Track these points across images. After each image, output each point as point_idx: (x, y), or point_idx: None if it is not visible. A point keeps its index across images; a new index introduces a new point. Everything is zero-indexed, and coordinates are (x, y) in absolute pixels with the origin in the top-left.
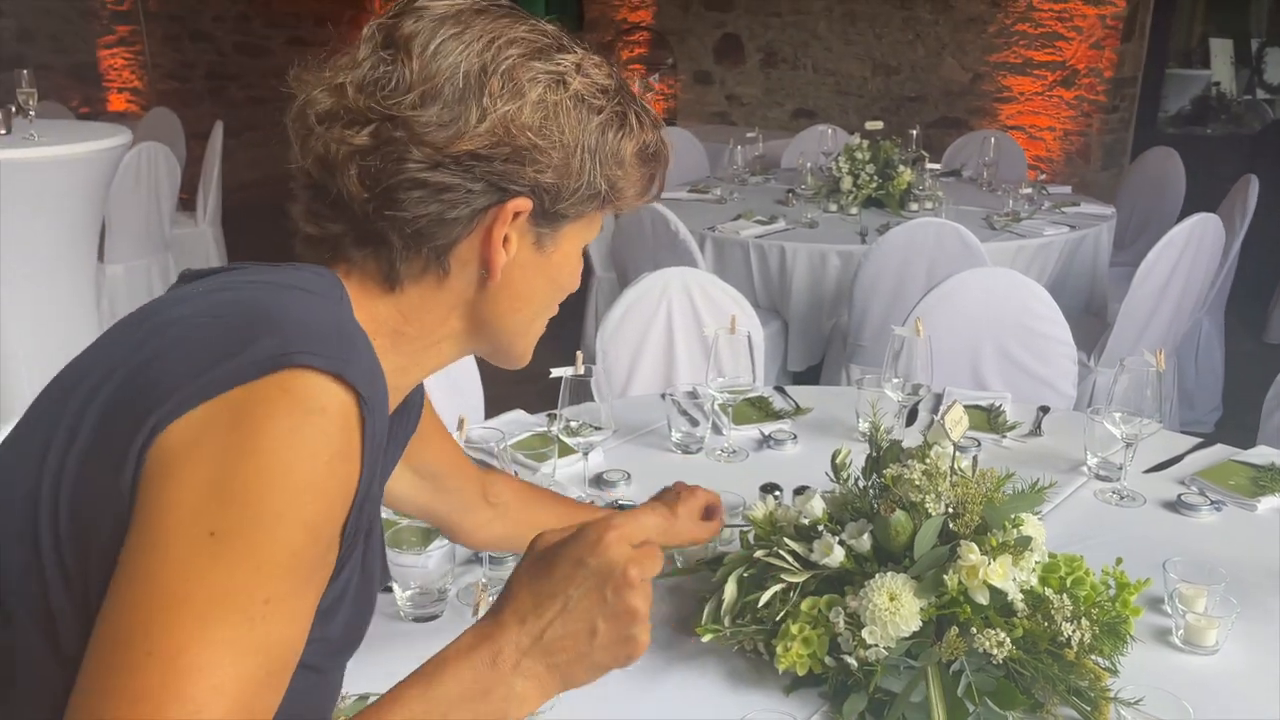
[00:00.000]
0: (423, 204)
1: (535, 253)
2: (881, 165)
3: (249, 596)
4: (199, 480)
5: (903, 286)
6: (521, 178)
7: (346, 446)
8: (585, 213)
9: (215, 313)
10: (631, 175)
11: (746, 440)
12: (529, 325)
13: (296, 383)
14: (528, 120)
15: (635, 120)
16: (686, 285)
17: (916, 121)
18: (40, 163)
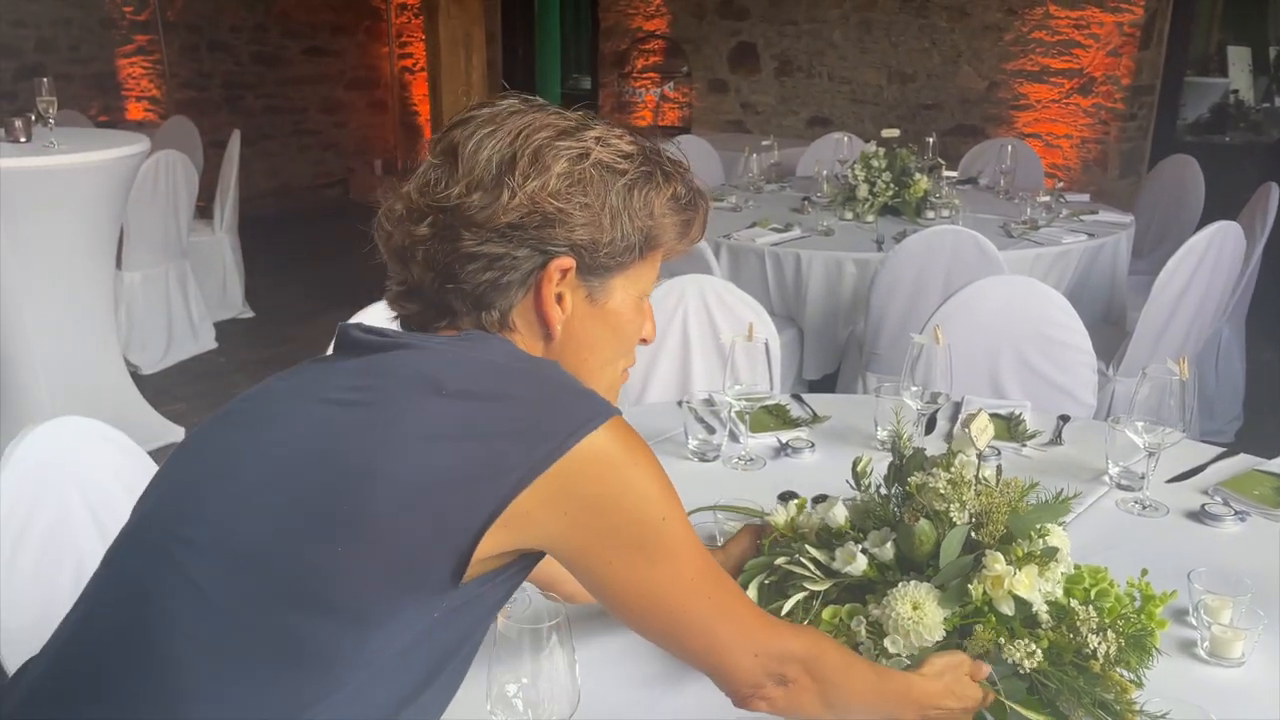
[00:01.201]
0: (478, 274)
1: (589, 305)
2: (898, 173)
3: (694, 560)
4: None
5: (919, 294)
6: (557, 239)
7: (647, 449)
8: (627, 263)
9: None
10: (665, 223)
11: (764, 448)
12: (600, 371)
13: (619, 431)
14: (553, 190)
15: (661, 176)
16: (702, 292)
17: (932, 129)
18: (60, 170)
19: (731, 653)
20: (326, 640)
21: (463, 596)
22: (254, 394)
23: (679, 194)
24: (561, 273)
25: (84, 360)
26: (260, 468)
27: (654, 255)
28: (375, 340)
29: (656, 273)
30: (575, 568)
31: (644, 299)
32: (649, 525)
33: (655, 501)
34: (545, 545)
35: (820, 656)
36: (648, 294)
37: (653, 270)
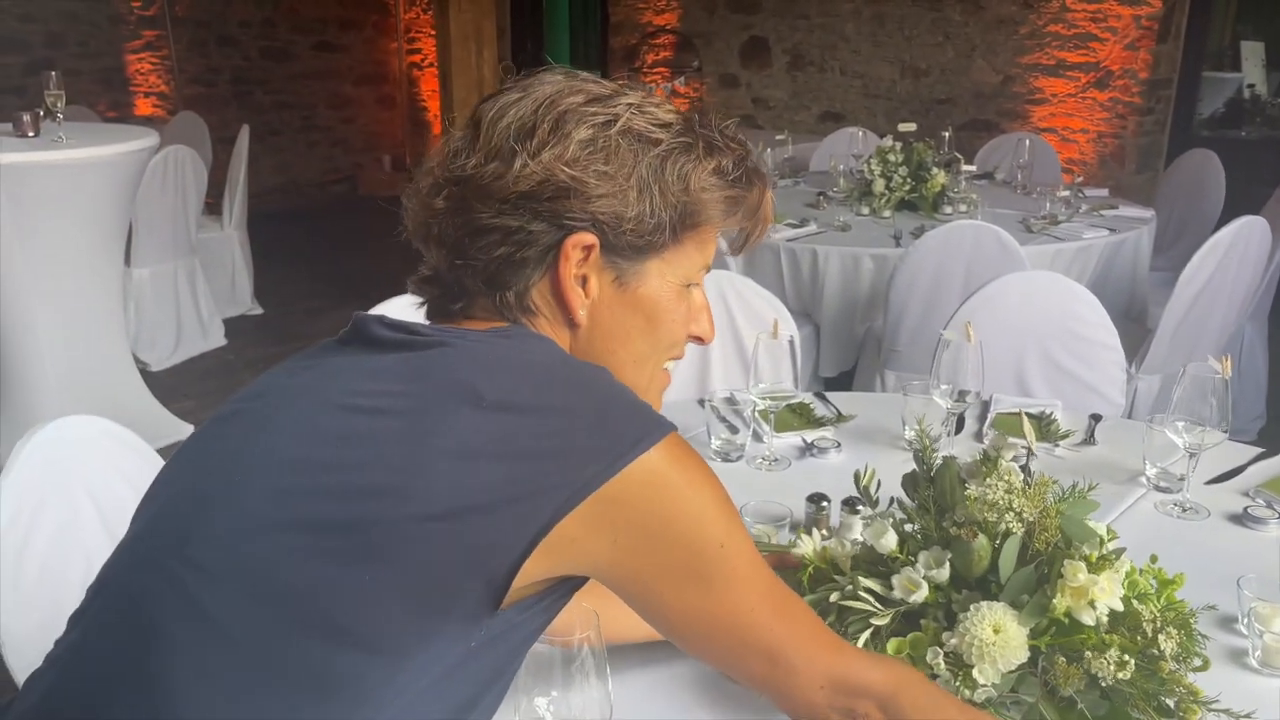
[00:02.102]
0: (491, 249)
1: (618, 290)
2: (914, 168)
3: (756, 585)
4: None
5: (939, 290)
6: (574, 212)
7: (704, 466)
8: (660, 244)
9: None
10: (706, 199)
11: (788, 448)
12: (633, 367)
13: (672, 450)
14: (571, 157)
15: (704, 148)
16: (721, 288)
17: (947, 124)
18: (68, 165)
19: (797, 684)
20: (351, 672)
21: (500, 625)
22: (259, 390)
23: (724, 168)
24: (584, 251)
25: (92, 357)
26: (273, 480)
27: (697, 237)
28: (402, 338)
29: (707, 260)
30: (626, 595)
31: (690, 287)
32: (706, 552)
33: (713, 525)
34: (591, 572)
35: (899, 694)
36: (695, 282)
37: (700, 255)
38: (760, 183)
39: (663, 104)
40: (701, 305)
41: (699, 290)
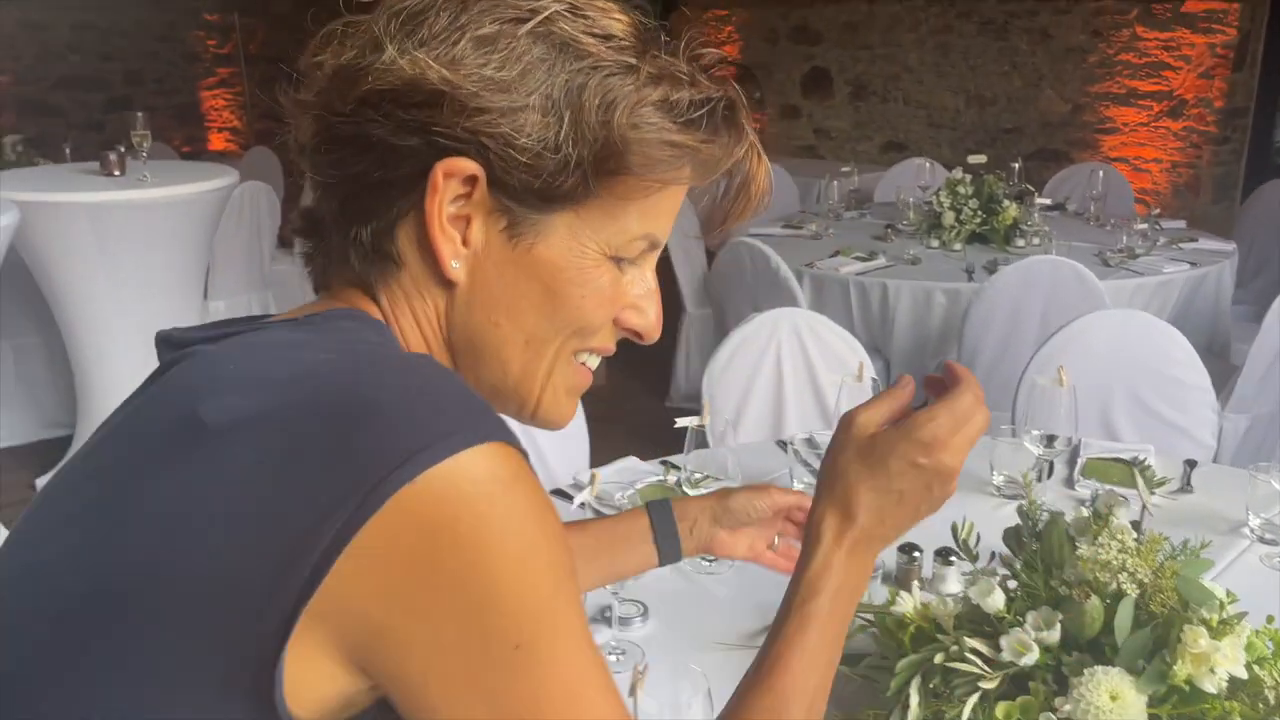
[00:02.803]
0: (346, 163)
1: (509, 244)
2: (985, 200)
3: (575, 669)
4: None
5: (1017, 327)
6: (447, 127)
7: (546, 499)
8: (568, 191)
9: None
10: (641, 140)
11: None
12: (523, 349)
13: (476, 463)
14: (455, 56)
15: (651, 72)
16: (796, 326)
17: (1015, 154)
18: (154, 203)
19: None
20: None
21: None
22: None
23: (676, 104)
24: (464, 184)
25: None
26: (24, 584)
27: (624, 191)
28: (167, 356)
29: (649, 230)
30: (394, 681)
31: (620, 262)
32: (512, 613)
33: (529, 575)
34: (366, 648)
35: None
36: (626, 256)
37: (632, 219)
38: (735, 136)
39: (620, 13)
40: (639, 291)
41: (638, 271)
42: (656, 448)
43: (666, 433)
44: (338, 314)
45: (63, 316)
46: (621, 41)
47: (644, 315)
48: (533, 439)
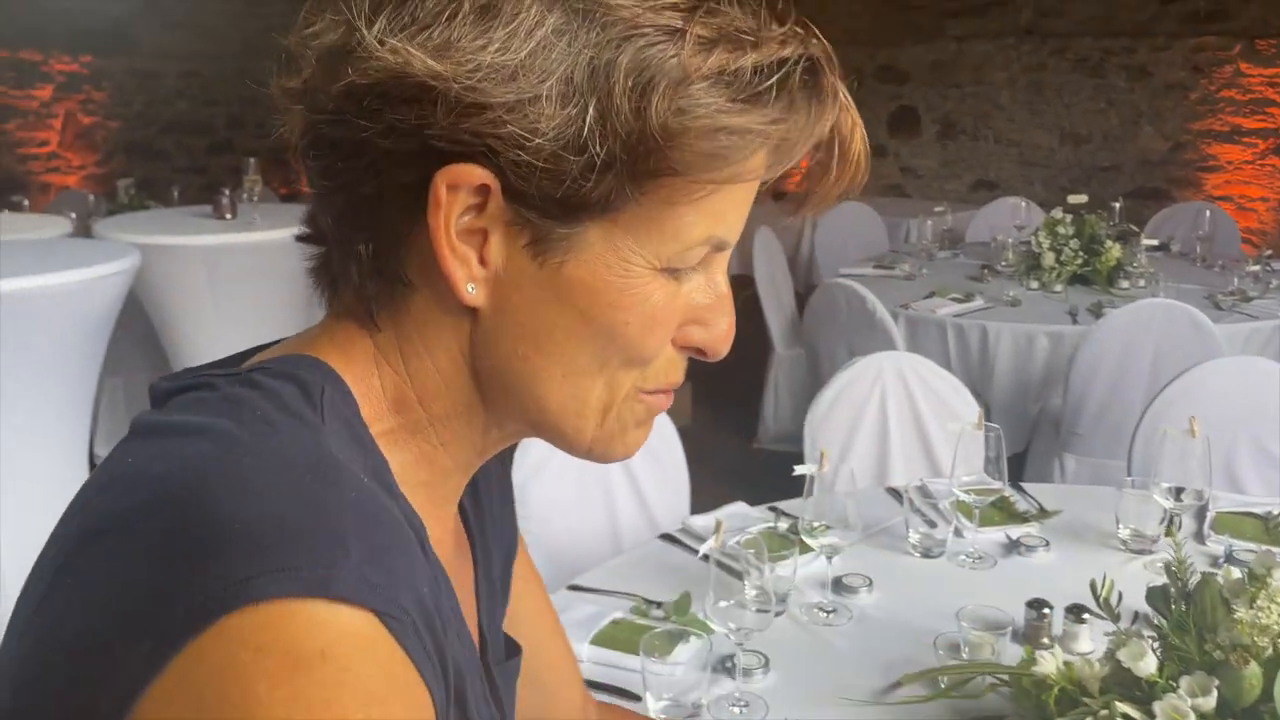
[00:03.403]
0: (334, 170)
1: (533, 264)
2: (1086, 240)
3: None
4: None
5: (1126, 372)
6: (442, 128)
7: (386, 685)
8: (601, 198)
9: (135, 518)
10: (694, 132)
11: (991, 545)
12: (563, 385)
13: (271, 625)
14: (450, 39)
15: (708, 34)
16: (900, 370)
17: (1113, 192)
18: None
19: None
20: None
21: None
22: None
23: (742, 71)
24: (474, 194)
25: None
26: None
27: (679, 189)
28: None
29: (717, 232)
30: None
31: (678, 273)
32: None
33: None
34: None
35: None
36: (687, 265)
37: (702, 219)
38: (820, 105)
39: None
40: (704, 300)
41: (702, 277)
42: (745, 489)
43: (756, 475)
44: (291, 366)
45: (174, 352)
46: (664, 6)
47: (710, 329)
48: (634, 479)
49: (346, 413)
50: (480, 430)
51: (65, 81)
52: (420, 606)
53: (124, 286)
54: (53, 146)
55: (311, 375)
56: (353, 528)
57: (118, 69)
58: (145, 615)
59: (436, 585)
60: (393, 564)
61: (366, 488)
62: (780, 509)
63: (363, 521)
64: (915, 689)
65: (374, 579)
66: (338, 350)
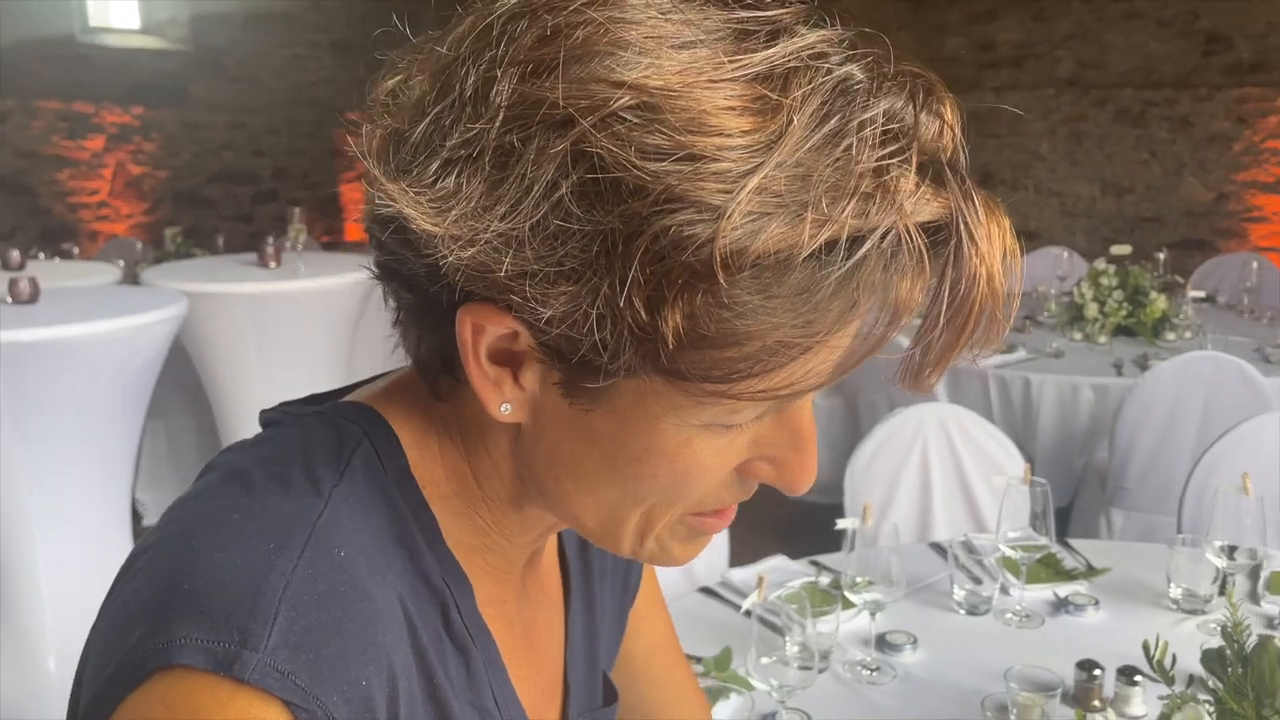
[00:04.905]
0: (379, 265)
1: (565, 404)
2: (1130, 291)
3: None
4: None
5: (1174, 426)
6: (462, 279)
7: None
8: (616, 368)
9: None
10: (725, 341)
11: (1038, 603)
12: (591, 512)
13: (180, 693)
14: (449, 191)
15: (757, 210)
16: (943, 422)
17: (1156, 243)
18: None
19: None
20: None
21: None
22: None
23: (795, 256)
24: (505, 332)
25: None
26: None
27: (692, 386)
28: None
29: (786, 392)
30: None
31: (726, 430)
32: None
33: None
34: None
35: None
36: (740, 422)
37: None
38: (901, 279)
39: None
40: (777, 441)
41: (773, 419)
42: (783, 542)
43: (794, 526)
44: (343, 414)
45: (216, 397)
46: (727, 141)
47: (781, 469)
48: None
49: (385, 470)
50: (532, 520)
51: (116, 133)
52: (360, 695)
53: (171, 333)
54: (103, 195)
55: (357, 428)
56: (288, 605)
57: (168, 120)
58: (105, 657)
59: (438, 657)
60: (326, 650)
61: (332, 563)
62: (822, 563)
63: (305, 599)
64: None
65: (287, 666)
66: (404, 407)
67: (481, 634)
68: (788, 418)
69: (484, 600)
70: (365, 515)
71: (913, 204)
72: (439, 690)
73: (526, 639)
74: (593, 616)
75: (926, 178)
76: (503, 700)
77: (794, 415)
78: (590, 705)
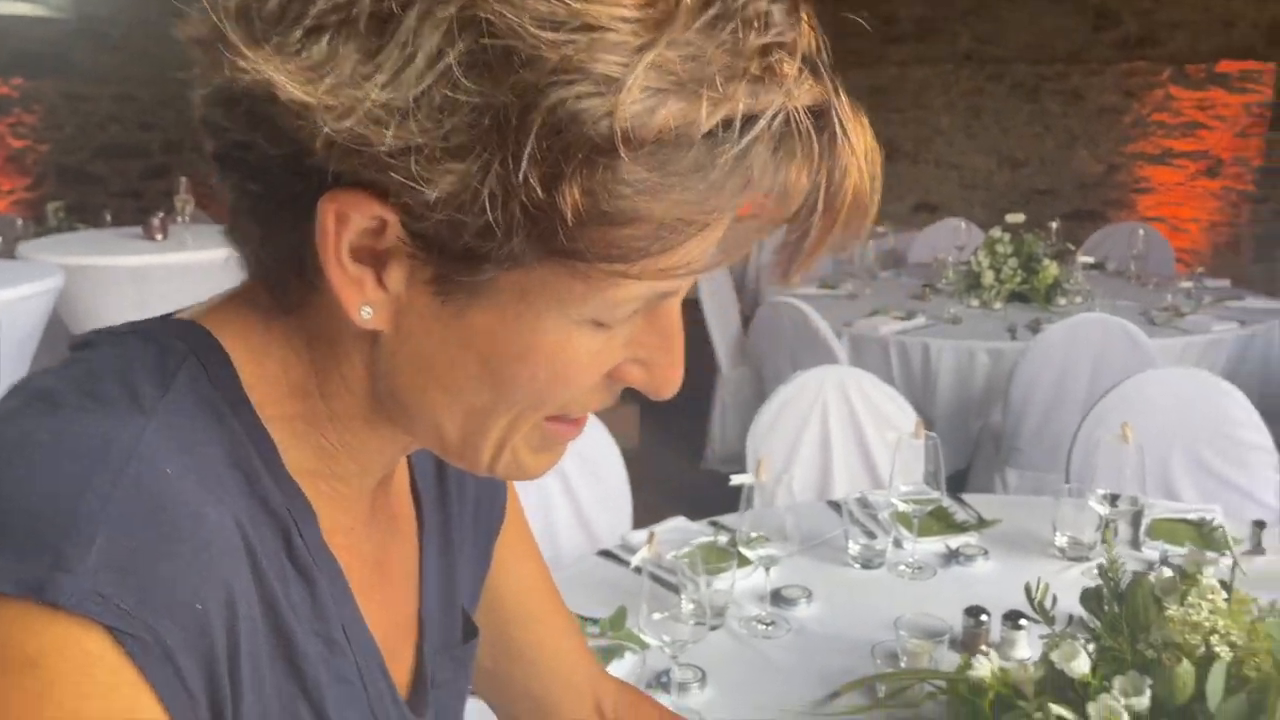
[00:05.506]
0: (219, 160)
1: (436, 302)
2: (1025, 259)
3: None
4: None
5: (1065, 385)
6: (319, 156)
7: (101, 709)
8: (499, 256)
9: None
10: (618, 218)
11: (930, 555)
12: (458, 421)
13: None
14: (316, 60)
15: (656, 86)
16: (842, 384)
17: (1050, 214)
18: (194, 266)
19: None
20: None
21: None
22: None
23: (692, 133)
24: (370, 220)
25: None
26: None
27: (588, 267)
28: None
29: (667, 281)
30: None
31: (605, 324)
32: None
33: None
34: None
35: None
36: (617, 319)
37: (635, 287)
38: (789, 167)
39: None
40: (647, 342)
41: (646, 320)
42: (693, 511)
43: (703, 496)
44: (165, 331)
45: None
46: (619, 12)
47: (651, 370)
48: (575, 498)
49: (217, 389)
50: (385, 439)
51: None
52: (195, 621)
53: (46, 308)
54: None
55: (181, 344)
56: (108, 526)
57: (49, 92)
58: None
59: (280, 585)
60: (155, 572)
61: (159, 481)
62: (721, 523)
63: (128, 519)
64: (853, 699)
65: (109, 590)
66: (239, 323)
67: (327, 562)
68: (658, 317)
69: (329, 528)
70: (194, 435)
71: (796, 90)
72: (282, 619)
73: (378, 570)
74: (450, 549)
75: (806, 67)
76: (352, 631)
77: (664, 316)
78: (448, 641)
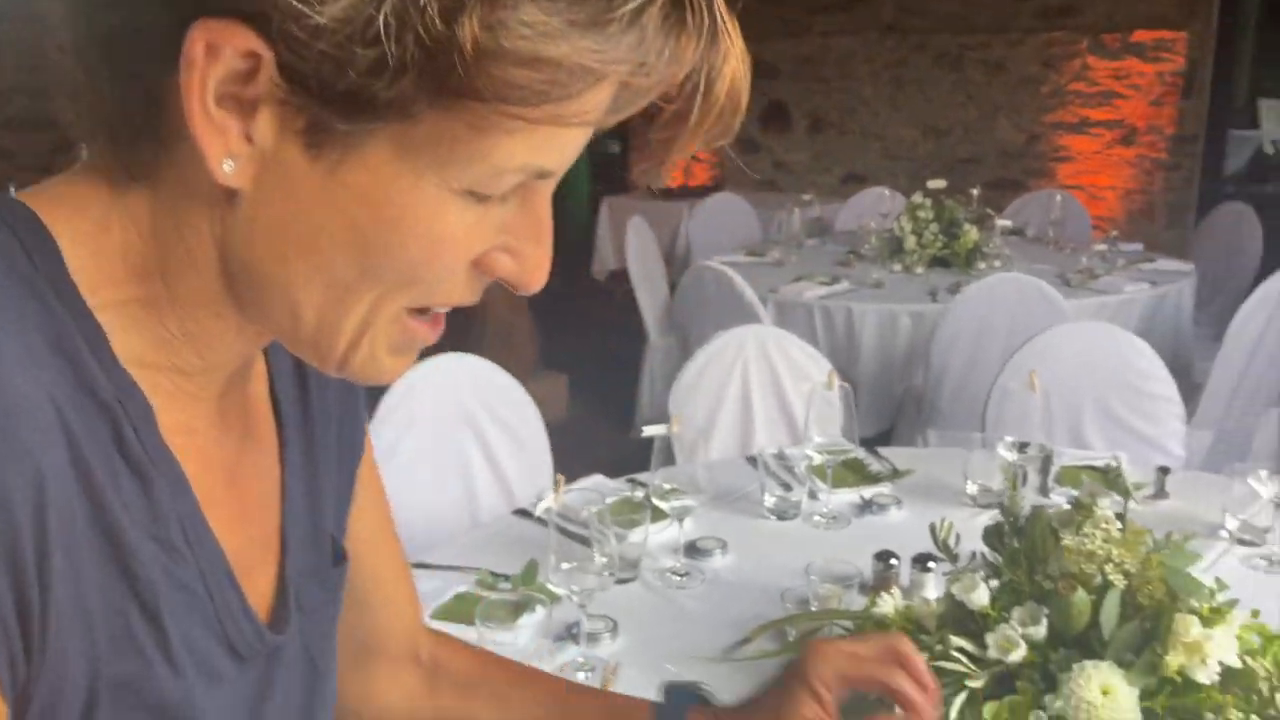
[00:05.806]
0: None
1: (306, 156)
2: (946, 224)
3: None
4: None
5: (983, 345)
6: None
7: None
8: (385, 99)
9: None
10: (509, 57)
11: (846, 505)
12: (316, 297)
13: None
14: None
15: None
16: (763, 343)
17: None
18: None
19: None
20: None
21: None
22: None
23: None
24: (243, 59)
25: None
26: None
27: (490, 117)
28: None
29: (545, 155)
30: None
31: (485, 196)
32: None
33: None
34: None
35: None
36: (495, 191)
37: (520, 146)
38: (678, 36)
39: None
40: (519, 227)
41: (518, 202)
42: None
43: (631, 464)
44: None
45: None
46: None
47: (520, 260)
48: (495, 462)
49: (37, 269)
50: (232, 329)
51: None
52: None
53: None
54: None
55: (2, 224)
56: None
57: None
58: None
59: (109, 478)
60: None
61: None
62: (638, 480)
63: None
64: (764, 643)
65: None
66: (69, 201)
67: (166, 461)
68: (532, 205)
69: (169, 426)
70: (9, 312)
71: None
72: (111, 516)
73: (230, 480)
74: (315, 470)
75: None
76: (194, 537)
77: (538, 203)
78: (317, 565)
